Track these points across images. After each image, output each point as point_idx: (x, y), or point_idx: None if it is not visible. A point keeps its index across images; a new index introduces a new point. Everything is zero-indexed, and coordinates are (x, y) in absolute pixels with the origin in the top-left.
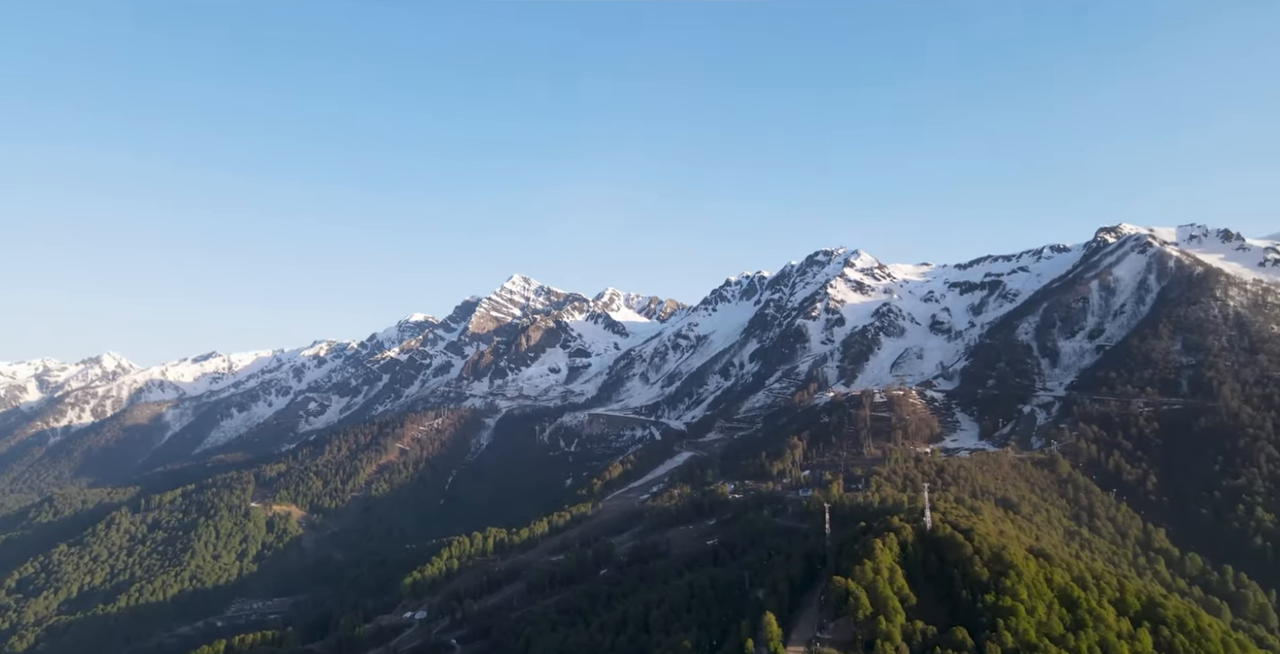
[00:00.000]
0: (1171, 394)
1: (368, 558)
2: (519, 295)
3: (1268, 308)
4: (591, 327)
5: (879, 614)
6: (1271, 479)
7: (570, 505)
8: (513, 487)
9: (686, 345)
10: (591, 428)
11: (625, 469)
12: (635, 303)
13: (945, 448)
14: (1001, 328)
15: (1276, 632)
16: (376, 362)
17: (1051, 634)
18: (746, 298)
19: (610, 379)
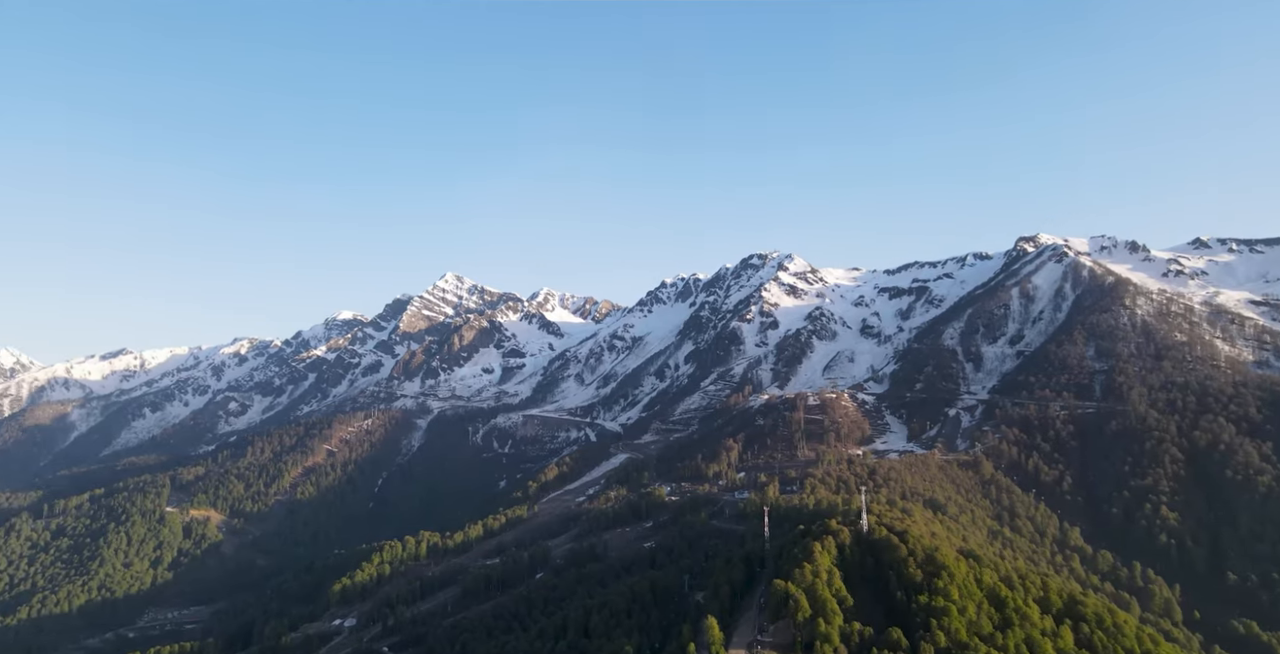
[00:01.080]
0: (1086, 398)
1: (293, 564)
2: (452, 294)
3: (1171, 317)
4: (526, 327)
5: (818, 616)
6: (1175, 479)
7: (505, 508)
8: (445, 489)
9: (622, 347)
10: (526, 429)
11: (561, 471)
12: (570, 303)
13: (876, 450)
14: (928, 333)
15: (1180, 625)
16: (302, 360)
17: (981, 633)
18: (682, 300)
19: (545, 380)
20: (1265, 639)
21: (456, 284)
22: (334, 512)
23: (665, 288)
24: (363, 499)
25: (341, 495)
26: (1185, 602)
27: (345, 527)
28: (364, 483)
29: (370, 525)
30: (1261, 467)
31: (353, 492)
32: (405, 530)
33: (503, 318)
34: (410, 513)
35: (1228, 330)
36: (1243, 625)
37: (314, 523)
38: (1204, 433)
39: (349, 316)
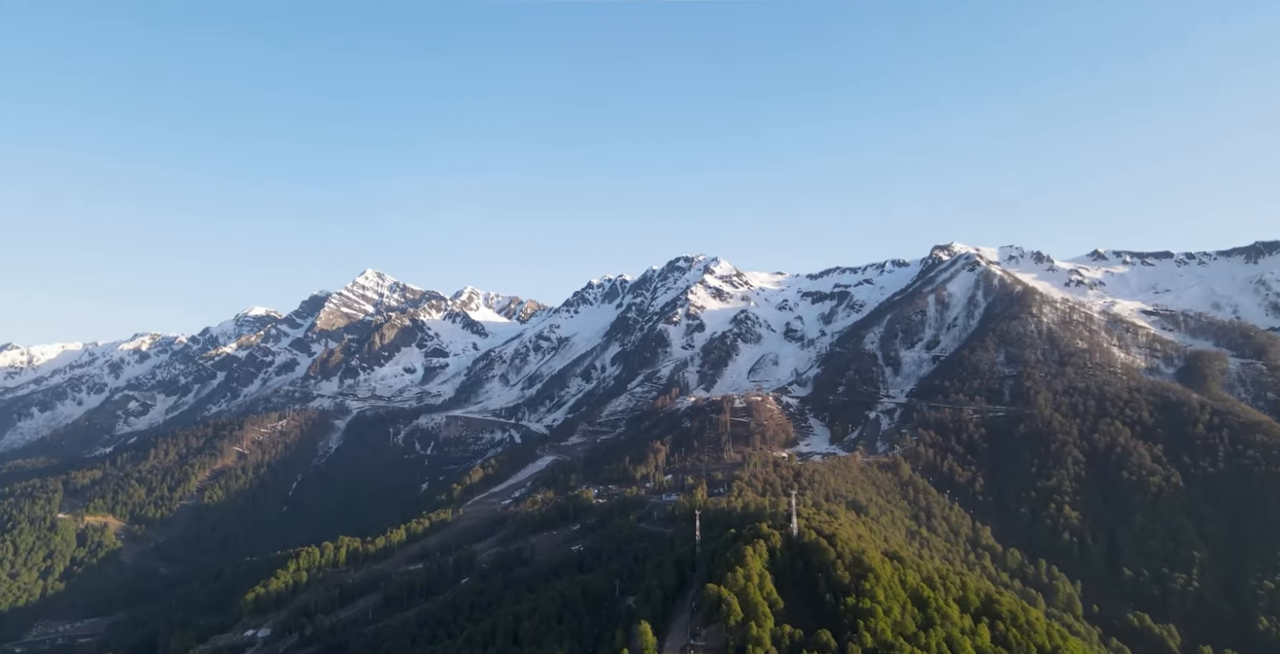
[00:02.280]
0: (996, 402)
1: (200, 572)
2: (372, 291)
3: (1073, 325)
4: (450, 326)
5: (750, 620)
6: (1077, 480)
7: (429, 512)
8: (365, 492)
9: (548, 347)
10: (449, 430)
11: (487, 473)
12: (495, 303)
13: (800, 452)
14: (850, 337)
15: (1081, 619)
16: (211, 358)
17: (905, 633)
18: (608, 301)
19: (469, 380)
20: (1157, 631)
21: (377, 281)
22: (245, 516)
23: (592, 289)
24: (276, 503)
25: (253, 499)
26: (1086, 596)
27: (257, 532)
28: (278, 486)
29: (284, 530)
30: (1153, 468)
31: (265, 495)
32: (323, 535)
33: (425, 316)
34: (328, 517)
35: (1123, 338)
36: (1137, 618)
37: (223, 528)
38: (1102, 436)
39: (262, 313)
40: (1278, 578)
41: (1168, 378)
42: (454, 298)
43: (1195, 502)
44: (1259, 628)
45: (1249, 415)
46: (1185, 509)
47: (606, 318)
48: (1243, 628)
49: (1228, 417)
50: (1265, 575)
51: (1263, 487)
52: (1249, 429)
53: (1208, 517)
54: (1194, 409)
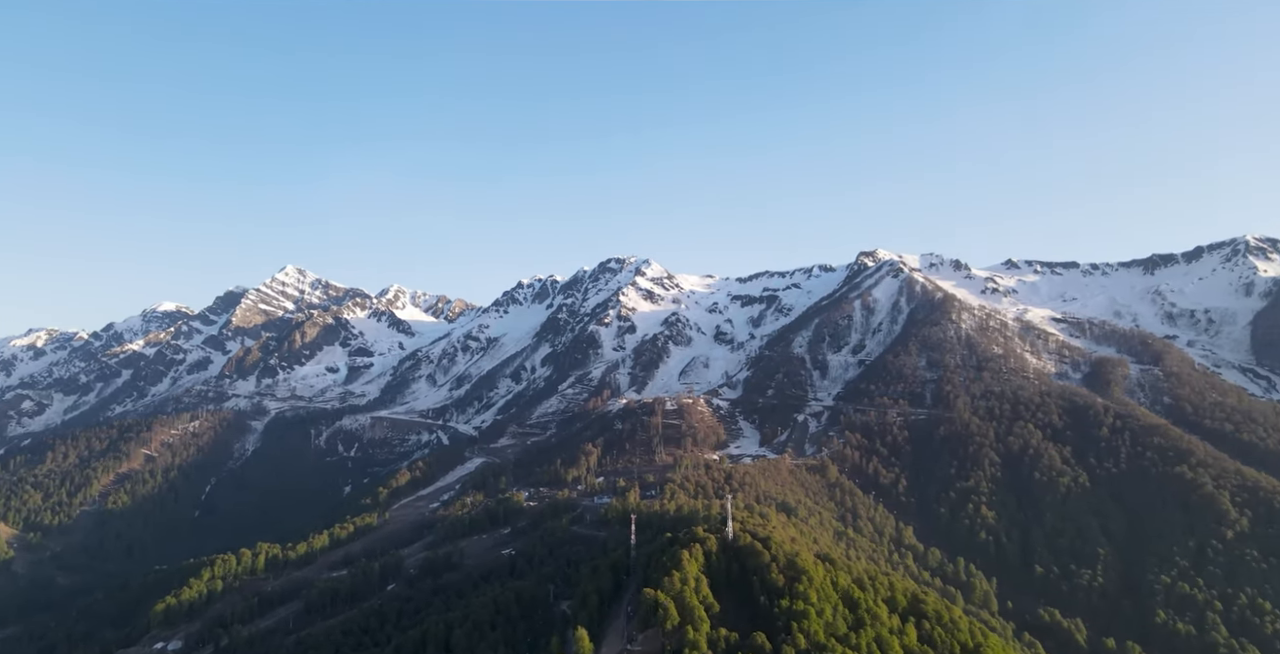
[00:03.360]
0: (918, 405)
1: (103, 582)
2: (293, 288)
3: (989, 331)
4: (375, 324)
5: (686, 624)
6: (993, 481)
7: (353, 516)
8: (284, 496)
9: (477, 347)
10: (374, 432)
11: (414, 476)
12: (422, 301)
13: (731, 454)
14: (779, 341)
15: (997, 615)
16: (115, 355)
17: (837, 634)
18: (539, 301)
19: (395, 380)
20: (1066, 625)
21: (298, 277)
22: (153, 523)
23: (522, 289)
24: (187, 508)
25: (162, 505)
26: (1000, 593)
27: (167, 539)
28: (189, 491)
29: (196, 537)
30: (1063, 469)
31: (176, 500)
32: (238, 542)
33: (349, 314)
34: (244, 523)
35: (1035, 344)
36: (1047, 613)
37: (128, 535)
38: (1017, 438)
39: (172, 308)
40: (1173, 573)
41: (1075, 382)
42: (379, 296)
43: (1100, 501)
44: (1156, 621)
45: (1148, 419)
46: (1091, 508)
47: (537, 318)
48: (1142, 621)
49: (1129, 420)
50: (1162, 571)
51: (1160, 486)
52: (1148, 432)
53: (1111, 515)
54: (1099, 413)
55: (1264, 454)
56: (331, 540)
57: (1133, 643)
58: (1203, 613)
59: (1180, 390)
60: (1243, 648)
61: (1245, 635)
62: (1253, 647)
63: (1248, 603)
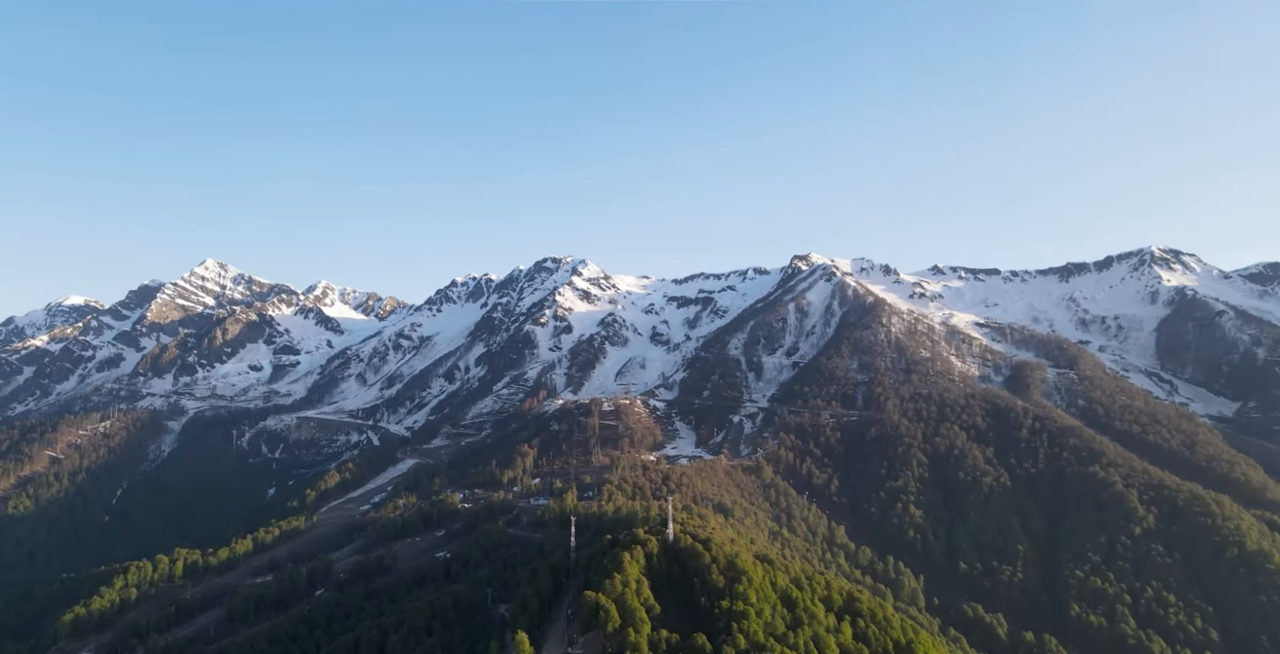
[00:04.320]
0: (850, 407)
1: (3, 591)
2: (213, 283)
3: (918, 335)
4: (301, 322)
5: (628, 626)
6: (921, 481)
7: (279, 519)
8: (204, 500)
9: (409, 346)
10: (300, 432)
11: (343, 478)
12: (352, 298)
13: (667, 455)
14: (714, 342)
15: (924, 611)
16: (15, 351)
17: (775, 633)
18: (473, 300)
19: (323, 379)
20: (988, 620)
21: (219, 272)
22: (59, 529)
23: (456, 287)
24: (97, 513)
25: (69, 509)
26: (927, 590)
27: (74, 546)
28: (99, 495)
29: (106, 544)
30: (986, 469)
31: (84, 505)
32: (153, 548)
33: (274, 311)
34: (159, 528)
35: (960, 348)
36: (971, 609)
37: (30, 542)
38: (943, 439)
39: (80, 302)
40: (1087, 568)
41: (997, 385)
42: (306, 292)
43: (1020, 500)
44: (1071, 614)
45: (1064, 421)
46: (1012, 507)
47: (471, 317)
48: (1058, 614)
49: (1047, 422)
50: (1076, 566)
51: (1074, 486)
52: (1064, 433)
53: (1030, 513)
54: (1019, 415)
55: (1168, 454)
56: (256, 545)
57: (1049, 636)
58: (1113, 606)
59: (1093, 393)
60: (1149, 639)
61: (1151, 626)
62: (1158, 637)
63: (1154, 595)
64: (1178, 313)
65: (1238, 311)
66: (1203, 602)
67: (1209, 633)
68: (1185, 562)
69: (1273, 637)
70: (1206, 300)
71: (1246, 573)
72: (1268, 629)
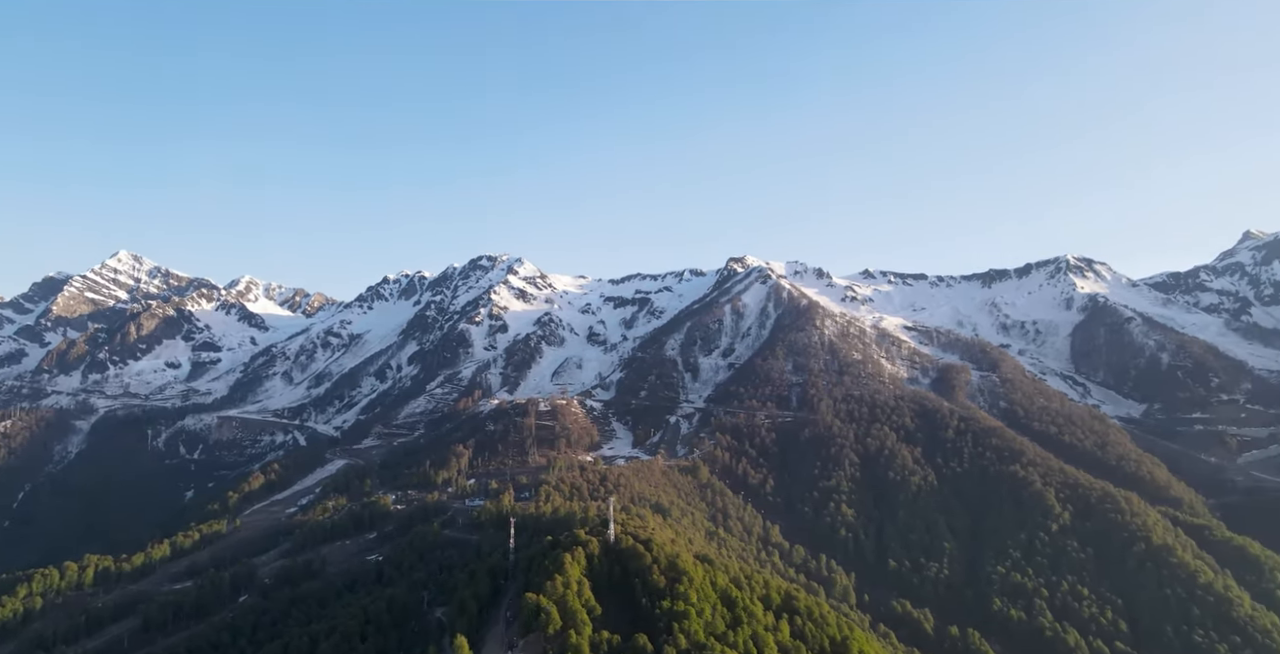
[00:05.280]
0: (785, 408)
1: None
2: (127, 276)
3: (850, 337)
4: (223, 317)
5: (569, 628)
6: (852, 480)
7: (198, 523)
8: (116, 503)
9: (338, 344)
10: (222, 432)
11: (268, 479)
12: (277, 294)
13: (604, 456)
14: (651, 343)
15: (855, 608)
16: None
17: (716, 633)
18: (405, 298)
19: (246, 377)
20: (916, 616)
21: (133, 264)
22: None
23: (388, 284)
24: None
25: None
26: (858, 586)
27: None
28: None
29: (8, 550)
30: (914, 468)
31: None
32: (60, 554)
33: (194, 306)
34: (66, 533)
35: (890, 351)
36: (900, 605)
37: None
38: (874, 440)
39: None
40: (1008, 563)
41: (925, 387)
42: (229, 287)
43: (946, 498)
44: (993, 609)
45: (987, 422)
46: (939, 505)
47: (404, 315)
48: (981, 609)
49: (971, 422)
50: (998, 562)
51: (997, 484)
52: (987, 434)
53: (956, 512)
54: (945, 416)
55: (1082, 454)
56: (174, 550)
57: (973, 630)
58: (1031, 599)
59: (1014, 395)
60: (1064, 630)
61: (1066, 619)
62: (1072, 629)
63: (1069, 589)
64: (1090, 319)
65: (1144, 318)
66: (1113, 594)
67: (1119, 624)
68: (1097, 556)
69: (1176, 627)
70: (1116, 307)
71: (1153, 567)
72: (1172, 620)
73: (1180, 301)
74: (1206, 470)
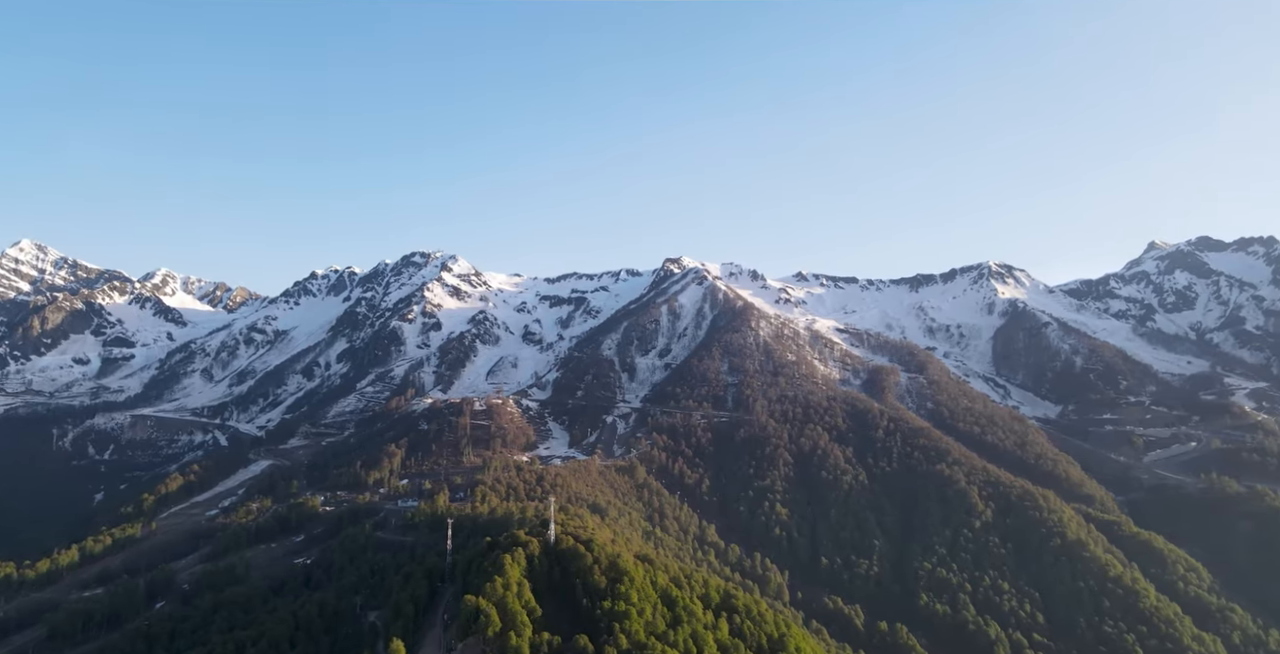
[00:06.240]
0: (721, 408)
1: None
2: (29, 266)
3: (784, 339)
4: (137, 312)
5: (509, 630)
6: (786, 480)
7: (110, 527)
8: (16, 507)
9: (263, 340)
10: (136, 432)
11: (187, 481)
12: (197, 288)
13: (540, 455)
14: (588, 343)
15: (789, 605)
16: None
17: (656, 632)
18: (335, 294)
19: (162, 375)
20: (847, 612)
21: (37, 255)
22: None
23: (316, 280)
24: None
25: None
26: (792, 584)
27: None
28: None
29: None
30: (846, 468)
31: None
32: None
33: (105, 300)
34: None
35: (823, 353)
36: (832, 601)
37: None
38: (807, 439)
39: None
40: (934, 560)
41: (856, 388)
42: (143, 280)
43: (876, 497)
44: (920, 604)
45: (915, 422)
46: (869, 504)
47: (333, 312)
48: (909, 604)
49: (900, 423)
50: (924, 559)
51: (924, 483)
52: (915, 434)
53: (885, 510)
54: (875, 416)
55: (1003, 453)
56: (82, 556)
57: (900, 625)
58: (956, 594)
59: (940, 397)
60: (986, 623)
61: (988, 612)
62: (994, 622)
63: (990, 584)
64: (1010, 323)
65: (1060, 323)
66: (1031, 588)
67: (1036, 617)
68: (1017, 552)
69: (1089, 618)
70: (1034, 312)
71: (1067, 561)
72: (1084, 612)
73: (1092, 308)
74: (1116, 469)
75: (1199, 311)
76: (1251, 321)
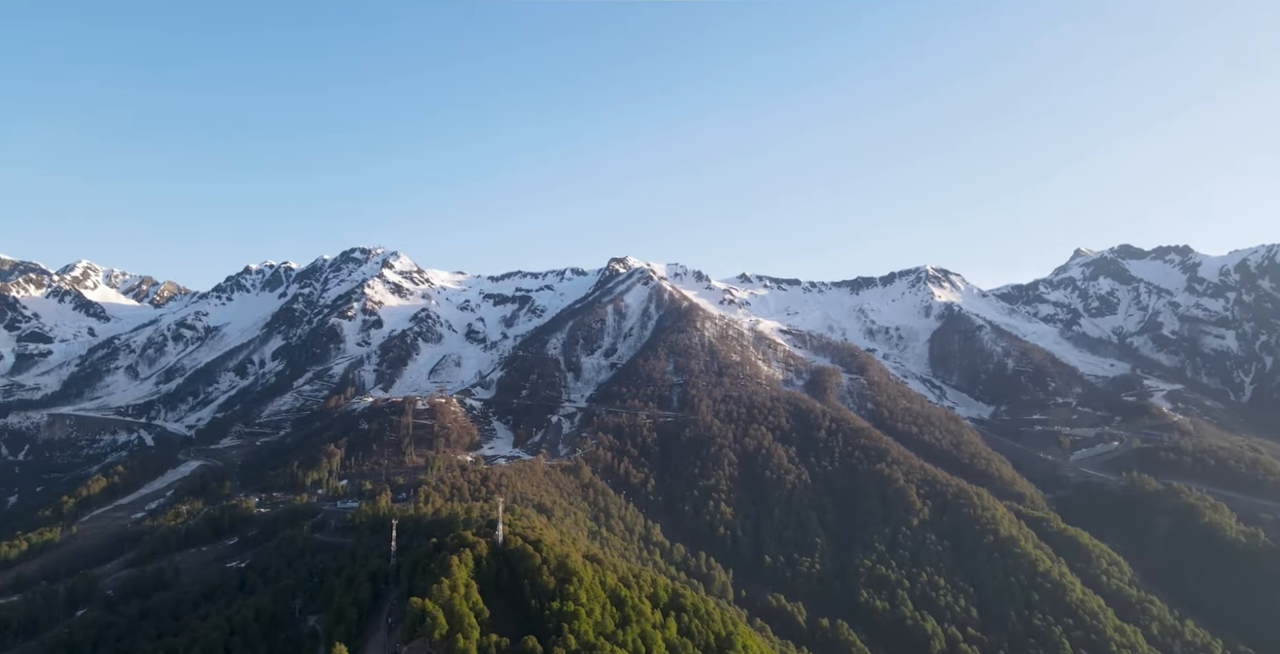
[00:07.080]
0: (666, 408)
1: None
2: None
3: (729, 339)
4: (55, 305)
5: (456, 632)
6: (731, 479)
7: (25, 531)
8: None
9: (192, 337)
10: (54, 431)
11: (111, 482)
12: (121, 282)
13: (484, 455)
14: (533, 341)
15: (733, 603)
16: None
17: (605, 632)
18: (270, 289)
19: (83, 371)
20: (790, 609)
21: None
22: None
23: (250, 275)
24: None
25: None
26: (736, 583)
27: None
28: None
29: None
30: (789, 467)
31: None
32: None
33: (19, 292)
34: None
35: (766, 354)
36: (775, 599)
37: None
38: (752, 439)
39: None
40: (873, 557)
41: (799, 389)
42: (62, 272)
43: (819, 496)
44: (860, 600)
45: (856, 422)
46: (812, 503)
47: (268, 308)
48: (850, 601)
49: (842, 423)
50: (865, 556)
51: (864, 482)
52: (856, 434)
53: (827, 508)
54: (818, 417)
55: (939, 453)
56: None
57: (842, 621)
58: (895, 591)
59: (879, 397)
60: (923, 618)
61: (925, 608)
62: (931, 617)
63: (927, 580)
64: (946, 326)
65: (993, 326)
66: (966, 583)
67: (970, 611)
68: (952, 548)
69: (1019, 612)
70: (969, 316)
71: (1000, 557)
72: (1015, 606)
73: (1022, 312)
74: (1044, 467)
75: (1121, 316)
76: (1168, 326)
